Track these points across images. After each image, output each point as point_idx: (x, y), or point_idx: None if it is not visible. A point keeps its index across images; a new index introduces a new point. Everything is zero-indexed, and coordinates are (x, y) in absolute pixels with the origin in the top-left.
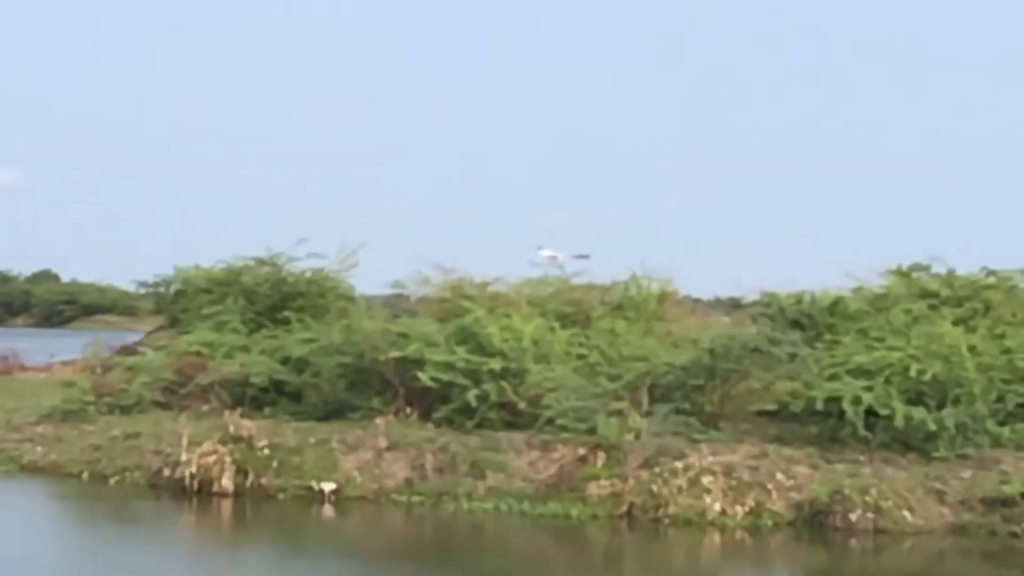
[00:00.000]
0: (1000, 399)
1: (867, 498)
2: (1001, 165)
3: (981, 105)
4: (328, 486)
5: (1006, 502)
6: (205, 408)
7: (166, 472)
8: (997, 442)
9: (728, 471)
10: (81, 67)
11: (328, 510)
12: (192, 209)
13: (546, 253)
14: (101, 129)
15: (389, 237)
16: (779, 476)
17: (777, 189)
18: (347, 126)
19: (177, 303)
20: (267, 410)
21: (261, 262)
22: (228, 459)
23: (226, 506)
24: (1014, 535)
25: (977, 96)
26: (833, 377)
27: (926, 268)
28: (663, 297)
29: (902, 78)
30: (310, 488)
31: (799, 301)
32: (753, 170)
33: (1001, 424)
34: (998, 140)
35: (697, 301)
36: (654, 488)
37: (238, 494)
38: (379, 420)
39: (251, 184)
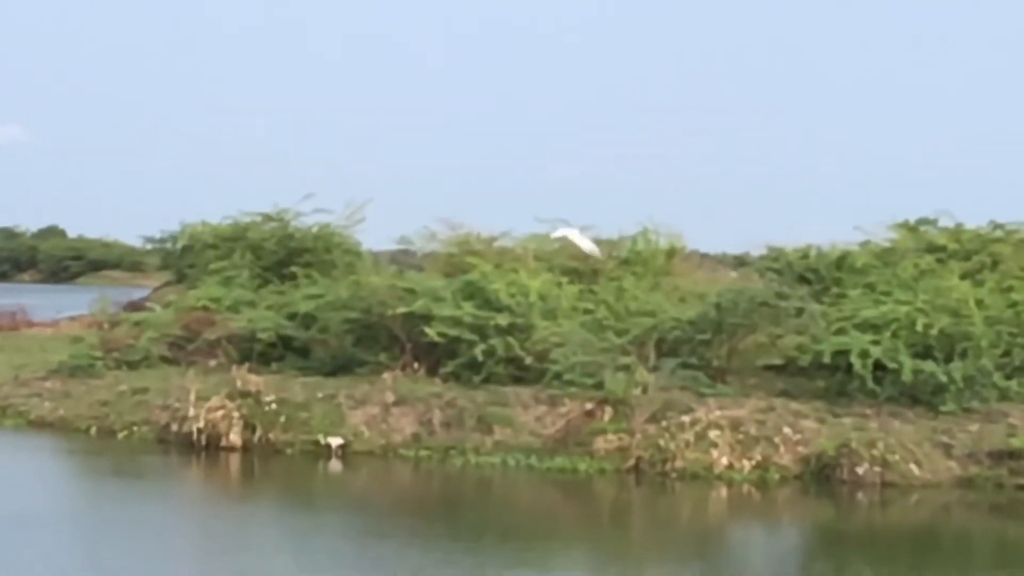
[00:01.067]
0: (1007, 353)
1: (874, 452)
2: (1011, 119)
3: (988, 59)
4: (335, 441)
5: (1013, 455)
6: (212, 363)
7: (174, 427)
8: (1004, 395)
9: (735, 425)
10: (87, 23)
11: (335, 465)
12: (198, 165)
13: (561, 233)
14: (107, 85)
15: (395, 193)
16: (786, 430)
17: (786, 143)
18: (354, 81)
19: (184, 259)
20: (274, 365)
21: (268, 217)
22: (236, 414)
23: (234, 461)
24: (1021, 488)
25: (985, 50)
26: (840, 331)
27: (933, 222)
28: (671, 252)
29: (910, 30)
30: (317, 443)
31: (806, 256)
32: (762, 125)
33: (1008, 377)
34: (1007, 94)
35: (704, 256)
36: (661, 442)
37: (246, 449)
38: (386, 375)
39: (257, 140)
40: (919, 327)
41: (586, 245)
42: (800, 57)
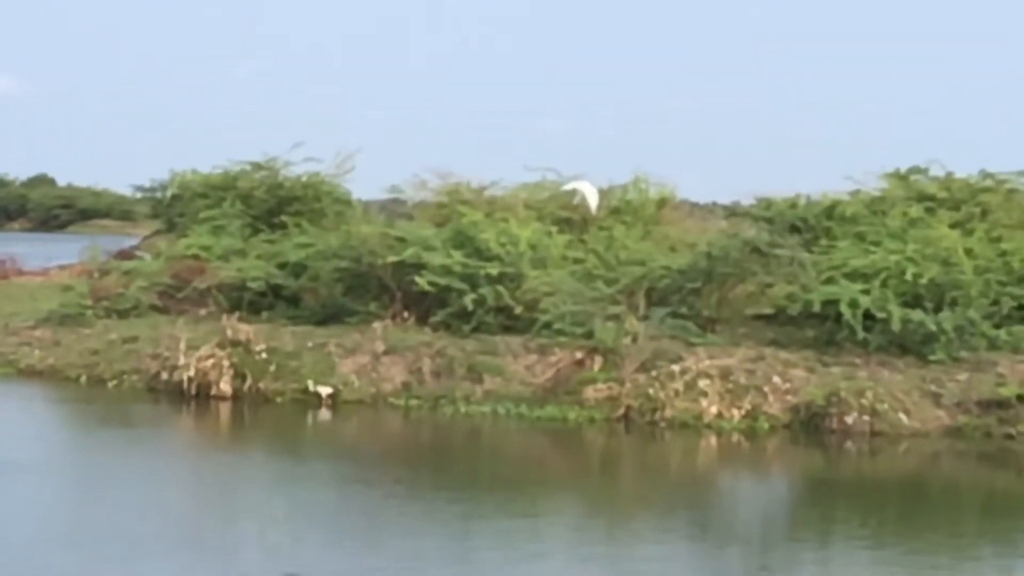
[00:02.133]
0: (996, 302)
1: (863, 401)
2: (1002, 69)
3: (979, 8)
4: (324, 390)
5: (1002, 404)
6: (202, 312)
7: (164, 376)
8: (993, 345)
9: (725, 374)
10: None
11: (324, 414)
12: (188, 113)
13: (572, 186)
14: (96, 34)
15: (386, 142)
16: (775, 379)
17: (776, 94)
18: (343, 30)
19: (173, 207)
20: (264, 314)
21: (258, 166)
22: (226, 363)
23: (224, 410)
24: (1009, 437)
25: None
26: (830, 280)
27: (924, 171)
28: (661, 202)
29: None
30: (307, 392)
31: (795, 205)
32: (751, 75)
33: (997, 327)
34: (999, 45)
35: (695, 205)
36: (651, 391)
37: (236, 398)
38: (376, 324)
39: (247, 87)
40: (908, 276)
41: (593, 201)
42: (791, 7)
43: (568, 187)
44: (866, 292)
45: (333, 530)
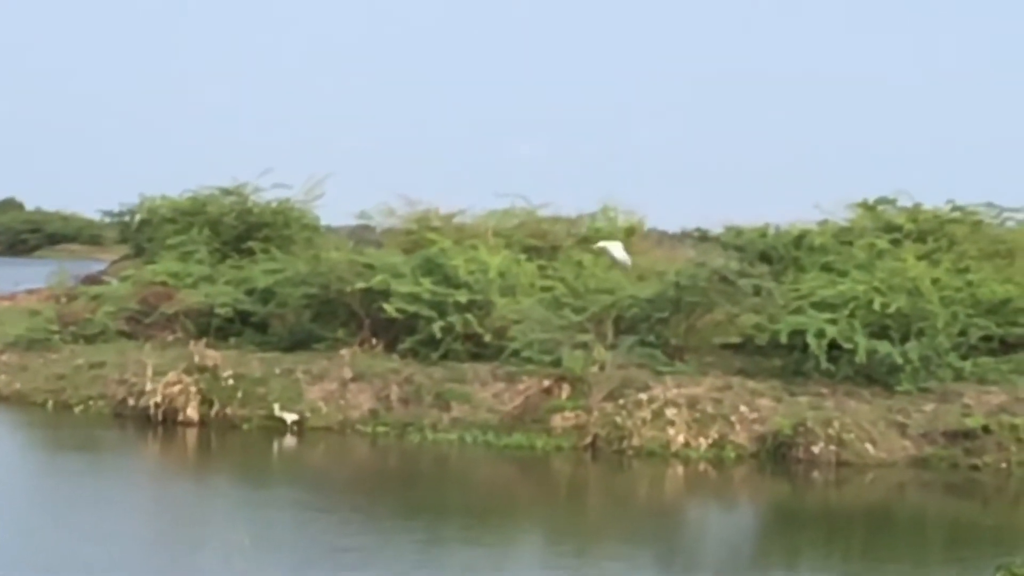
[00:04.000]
0: (963, 333)
1: (830, 431)
2: (970, 101)
3: (944, 37)
4: (290, 416)
5: (968, 435)
6: (170, 338)
7: (131, 401)
8: (959, 376)
9: (692, 403)
10: None
11: (291, 440)
12: (158, 138)
13: (601, 246)
14: (64, 56)
15: (355, 168)
16: (743, 408)
17: (746, 123)
18: (314, 55)
19: (142, 232)
20: (232, 340)
21: (226, 191)
22: (193, 389)
23: (191, 436)
24: (975, 468)
25: (941, 27)
26: (797, 310)
27: (892, 202)
28: (630, 230)
29: (868, 10)
30: (274, 418)
31: (764, 234)
32: (721, 104)
33: (964, 358)
34: (965, 74)
35: (664, 234)
36: (618, 420)
37: (203, 424)
38: (344, 351)
39: (217, 112)
40: (876, 307)
41: (620, 256)
42: (759, 37)
43: (597, 247)
44: (833, 322)
45: (286, 557)
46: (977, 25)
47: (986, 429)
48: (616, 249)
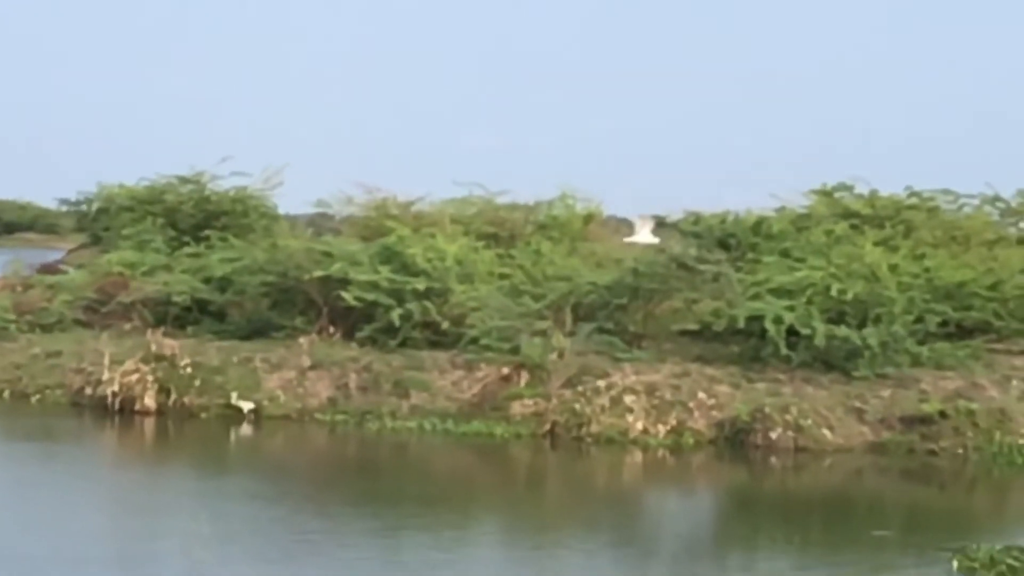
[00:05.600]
0: (920, 319)
1: (787, 417)
2: (930, 87)
3: (902, 26)
4: (246, 405)
5: (924, 420)
6: (127, 327)
7: (88, 391)
8: (916, 361)
9: (651, 390)
10: None
11: (247, 429)
12: (115, 126)
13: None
14: (20, 43)
15: (314, 157)
16: (701, 395)
17: (704, 111)
18: (272, 44)
19: (99, 221)
20: (190, 329)
21: (184, 180)
22: (150, 378)
23: (148, 425)
24: (932, 453)
25: (898, 13)
26: (755, 297)
27: (849, 188)
28: (588, 217)
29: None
30: (233, 407)
31: (723, 221)
32: (679, 93)
33: (920, 343)
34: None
35: (622, 221)
36: (577, 407)
37: (160, 413)
38: (302, 339)
39: (175, 101)
40: (833, 292)
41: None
42: (718, 22)
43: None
44: (791, 308)
45: (242, 547)
46: (935, 13)
47: (943, 414)
48: (644, 229)
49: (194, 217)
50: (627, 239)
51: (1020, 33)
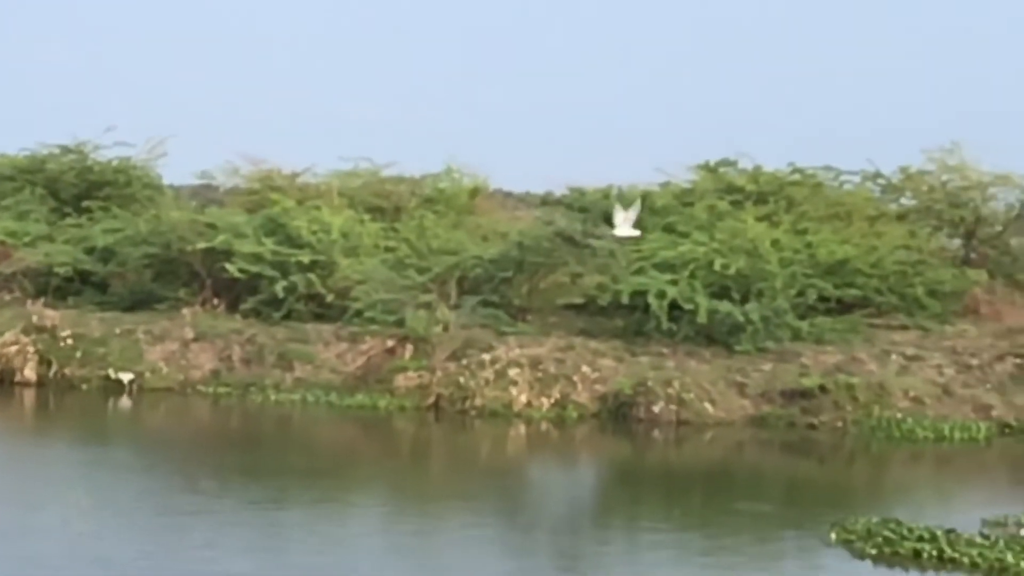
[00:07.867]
0: (801, 293)
1: (670, 390)
2: (809, 64)
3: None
4: (126, 376)
5: (805, 394)
6: (7, 298)
7: None
8: (797, 336)
9: (535, 363)
10: None
11: (128, 401)
12: None
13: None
14: None
15: (199, 128)
16: (585, 369)
17: (588, 86)
18: (157, 13)
19: None
20: (71, 300)
21: (66, 150)
22: (31, 349)
23: (28, 396)
24: (812, 426)
25: None
26: (639, 271)
27: (733, 164)
28: (474, 191)
29: None
30: (114, 379)
31: (607, 196)
32: (563, 68)
33: (801, 318)
34: (812, 43)
35: (508, 195)
36: (461, 380)
37: (41, 384)
38: (186, 311)
39: (56, 71)
40: (716, 267)
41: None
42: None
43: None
44: (674, 283)
45: (118, 518)
46: None
47: (823, 388)
48: (625, 221)
49: (76, 187)
50: (611, 233)
51: (900, 5)
